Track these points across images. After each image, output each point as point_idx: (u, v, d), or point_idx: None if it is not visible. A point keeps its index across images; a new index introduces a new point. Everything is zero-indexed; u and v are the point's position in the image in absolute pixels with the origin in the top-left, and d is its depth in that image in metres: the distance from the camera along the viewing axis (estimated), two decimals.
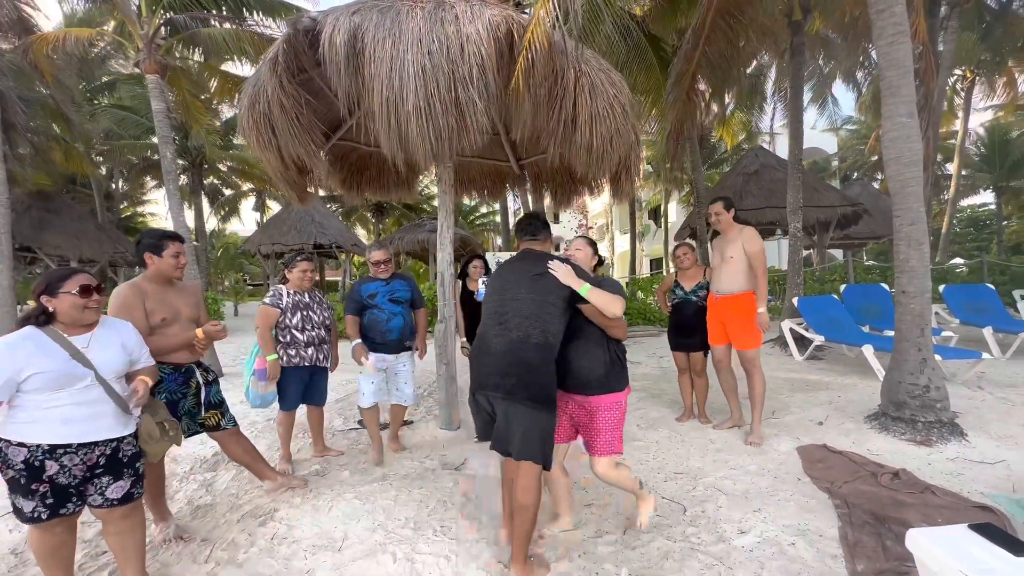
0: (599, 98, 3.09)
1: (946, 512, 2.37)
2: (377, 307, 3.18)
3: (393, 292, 3.25)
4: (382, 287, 3.23)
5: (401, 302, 3.26)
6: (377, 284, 3.24)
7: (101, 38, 6.49)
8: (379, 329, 3.18)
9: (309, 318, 3.14)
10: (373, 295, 3.19)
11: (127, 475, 1.87)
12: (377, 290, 3.21)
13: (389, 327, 3.19)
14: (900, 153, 3.30)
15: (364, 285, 3.25)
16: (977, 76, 14.64)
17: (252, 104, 3.19)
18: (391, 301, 3.22)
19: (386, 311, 3.19)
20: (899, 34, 3.24)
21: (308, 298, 3.19)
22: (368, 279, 3.32)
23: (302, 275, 3.16)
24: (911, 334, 3.38)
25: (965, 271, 12.32)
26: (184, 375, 2.40)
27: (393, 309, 3.22)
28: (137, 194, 23.21)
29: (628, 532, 2.34)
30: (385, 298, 3.21)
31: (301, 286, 3.17)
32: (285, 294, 3.13)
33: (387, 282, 3.26)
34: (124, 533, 1.91)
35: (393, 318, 3.20)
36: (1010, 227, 29.56)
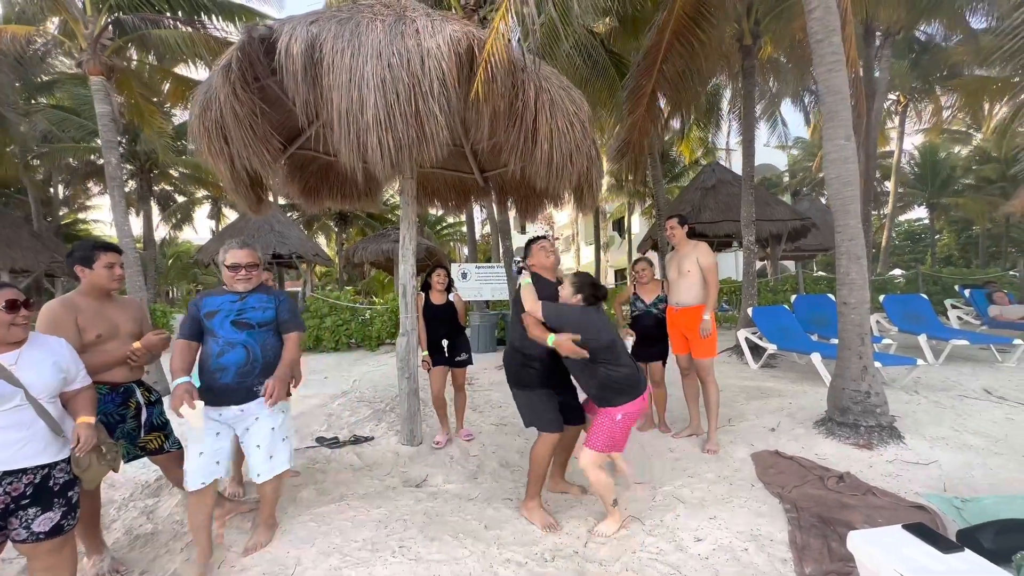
0: (559, 114, 3.15)
1: (886, 512, 2.50)
2: (211, 332, 2.21)
3: (242, 311, 2.25)
4: (229, 303, 2.27)
5: (251, 326, 2.25)
6: (225, 298, 2.28)
7: (41, 36, 6.12)
8: (207, 367, 2.21)
9: None
10: (212, 313, 2.22)
11: (57, 505, 1.72)
12: (220, 307, 2.24)
13: (220, 364, 2.18)
14: (839, 173, 3.52)
15: (206, 298, 2.29)
16: (909, 101, 15.85)
17: (203, 111, 3.07)
18: (234, 324, 2.22)
19: (220, 339, 2.20)
20: (836, 62, 3.48)
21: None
22: (217, 291, 2.35)
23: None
24: (852, 343, 3.58)
25: (903, 282, 13.19)
26: (122, 395, 2.26)
27: (232, 337, 2.20)
28: (79, 200, 21.82)
29: (588, 545, 2.35)
30: (226, 319, 2.22)
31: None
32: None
33: (242, 296, 2.30)
34: (52, 570, 1.75)
35: (228, 351, 2.19)
36: (941, 240, 31.99)
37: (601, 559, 2.23)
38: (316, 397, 5.46)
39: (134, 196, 17.20)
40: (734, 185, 11.13)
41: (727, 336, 8.31)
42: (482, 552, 2.29)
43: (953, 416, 4.01)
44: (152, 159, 15.74)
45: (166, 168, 17.15)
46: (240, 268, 2.30)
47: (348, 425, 4.42)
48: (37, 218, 15.17)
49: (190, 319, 2.24)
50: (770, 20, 7.08)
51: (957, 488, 2.77)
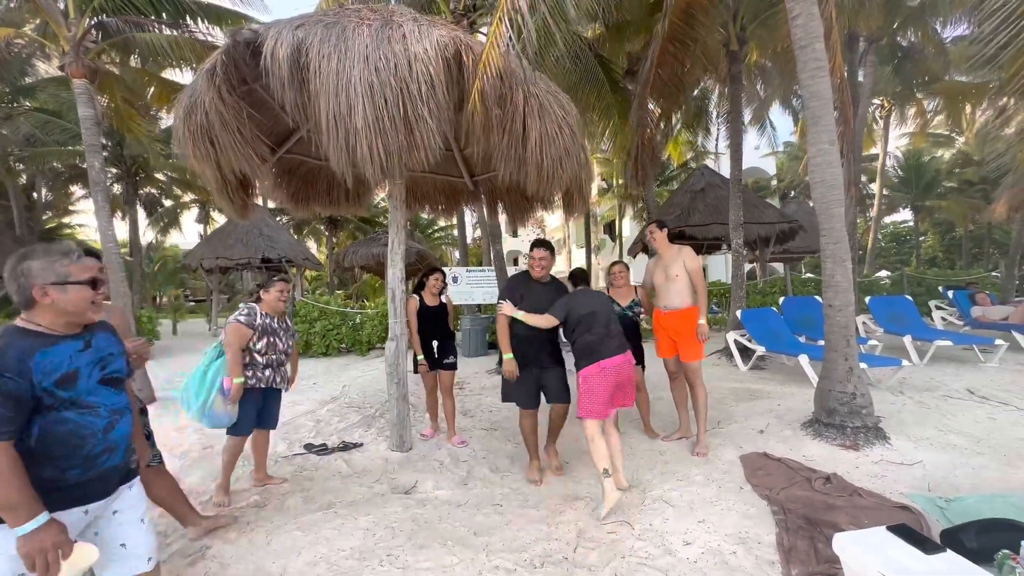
0: (548, 119, 3.17)
1: (871, 512, 2.52)
2: (75, 404, 1.37)
3: (103, 362, 1.48)
4: (76, 352, 1.41)
5: (121, 380, 1.55)
6: (65, 348, 1.38)
7: (21, 38, 6.02)
8: (81, 454, 1.38)
9: (274, 345, 3.04)
10: (68, 378, 1.36)
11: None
12: (71, 363, 1.38)
13: (110, 442, 1.44)
14: (824, 177, 3.57)
15: (36, 357, 1.31)
16: (893, 105, 16.14)
17: (188, 115, 3.04)
18: (104, 384, 1.47)
19: (100, 408, 1.43)
20: (819, 68, 3.53)
21: (277, 323, 3.07)
22: (31, 337, 1.34)
23: (279, 295, 3.04)
24: (838, 345, 3.62)
25: (888, 283, 13.38)
26: None
27: (114, 401, 1.48)
28: (63, 204, 21.47)
29: (578, 550, 2.34)
30: (90, 378, 1.42)
31: (275, 308, 3.07)
32: (258, 315, 3.01)
33: (86, 340, 1.45)
34: None
35: (119, 421, 1.48)
36: (926, 242, 32.58)
37: (590, 564, 2.22)
38: (305, 403, 5.40)
39: (120, 200, 16.98)
40: (723, 188, 11.23)
41: (716, 338, 8.36)
42: (471, 559, 2.28)
43: (937, 416, 4.07)
44: (138, 163, 15.55)
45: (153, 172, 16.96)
46: (102, 284, 1.49)
47: (337, 431, 4.38)
48: (20, 223, 14.91)
49: (7, 400, 1.24)
50: (756, 26, 7.18)
51: (941, 488, 2.81)
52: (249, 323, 2.95)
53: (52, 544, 1.21)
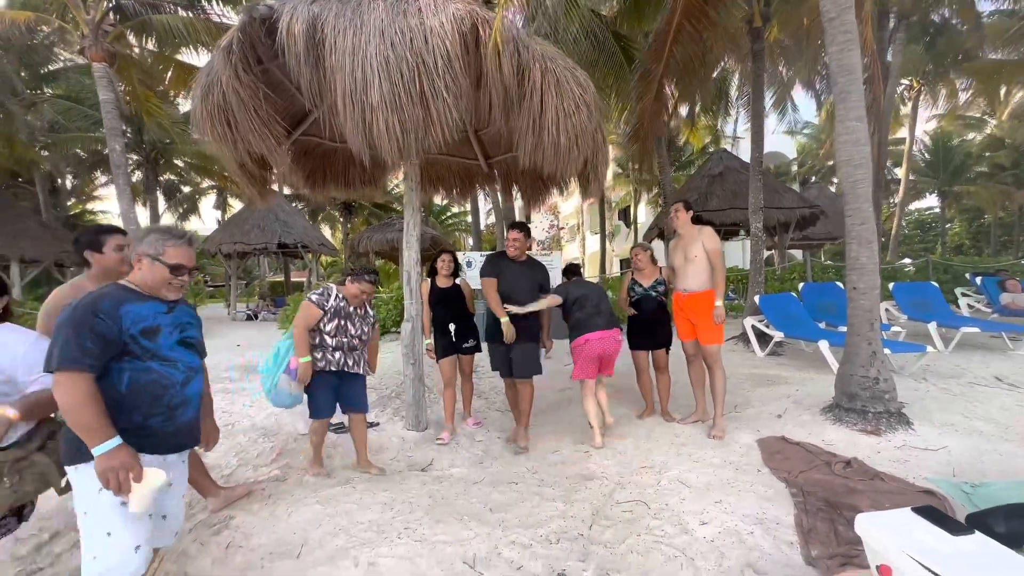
0: (566, 96, 3.10)
1: (894, 497, 2.48)
2: (155, 355, 1.54)
3: (182, 327, 1.67)
4: (162, 314, 1.60)
5: (195, 348, 1.72)
6: (150, 307, 1.57)
7: (41, 23, 6.09)
8: (163, 403, 1.55)
9: (345, 328, 2.94)
10: (151, 331, 1.54)
11: None
12: (155, 320, 1.57)
13: (185, 396, 1.63)
14: (850, 156, 3.45)
15: (125, 306, 1.50)
16: (923, 86, 15.53)
17: (206, 94, 3.05)
18: (182, 345, 1.65)
19: (179, 363, 1.61)
20: (849, 41, 3.39)
21: (353, 309, 2.99)
22: (125, 294, 1.55)
23: (359, 292, 2.95)
24: (862, 329, 3.53)
25: (912, 270, 13.02)
26: None
27: (191, 360, 1.67)
28: (86, 190, 21.95)
29: (593, 528, 2.35)
30: (170, 336, 1.60)
31: (353, 299, 2.98)
32: (334, 296, 2.93)
33: (170, 307, 1.64)
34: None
35: (193, 378, 1.67)
36: (952, 229, 31.58)
37: (606, 541, 2.23)
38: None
39: (140, 186, 17.28)
40: (741, 172, 10.99)
41: (733, 324, 8.25)
42: (487, 534, 2.30)
43: (963, 403, 3.97)
44: (158, 148, 15.76)
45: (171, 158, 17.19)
46: (184, 272, 1.64)
47: None
48: (45, 209, 15.31)
49: (96, 333, 1.41)
50: (780, 1, 6.92)
51: (967, 474, 2.75)
52: (320, 303, 2.87)
53: (121, 464, 1.38)
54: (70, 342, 1.38)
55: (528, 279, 3.50)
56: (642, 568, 2.02)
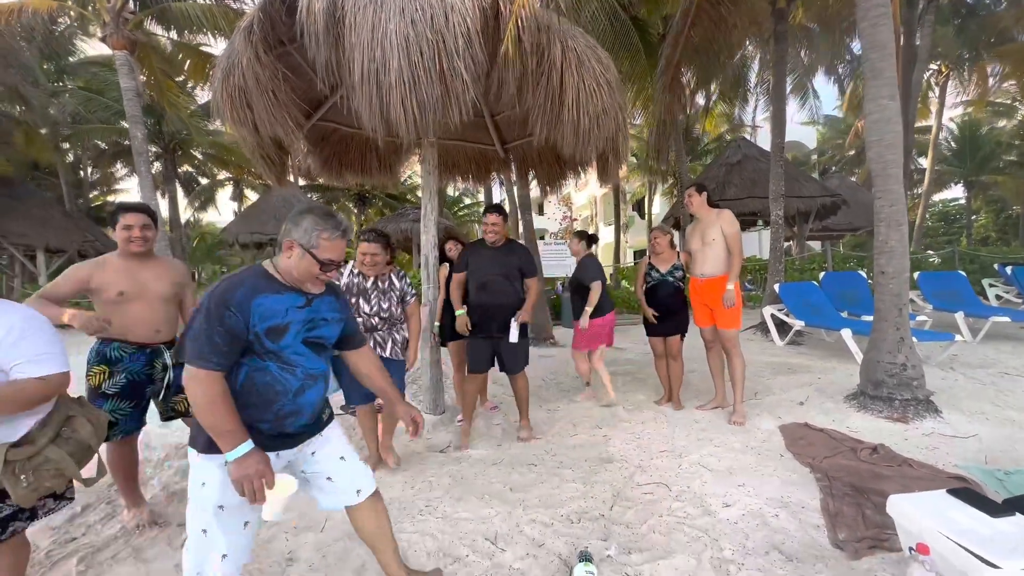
0: (586, 74, 3.04)
1: (923, 483, 2.42)
2: (275, 356, 1.40)
3: (312, 324, 1.48)
4: (295, 308, 1.43)
5: (324, 347, 1.54)
6: (287, 300, 1.42)
7: (63, 11, 6.17)
8: (272, 409, 1.42)
9: (357, 307, 2.74)
10: (278, 330, 1.39)
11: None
12: (287, 316, 1.41)
13: (297, 406, 1.46)
14: (882, 135, 3.34)
15: (257, 299, 1.36)
16: (952, 71, 15.00)
17: (226, 76, 3.05)
18: (307, 345, 1.47)
19: (297, 369, 1.44)
20: (882, 16, 3.26)
21: (371, 284, 2.77)
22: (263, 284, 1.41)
23: (362, 257, 2.69)
24: (890, 314, 3.44)
25: (938, 261, 12.69)
26: (148, 356, 2.25)
27: (313, 365, 1.48)
28: (108, 181, 22.38)
29: (614, 508, 2.34)
30: (297, 336, 1.44)
31: (363, 269, 2.74)
32: (347, 272, 2.77)
33: (309, 299, 1.47)
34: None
35: (310, 386, 1.48)
36: (978, 221, 30.62)
37: (627, 521, 2.22)
38: None
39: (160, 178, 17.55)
40: (760, 161, 10.78)
41: (752, 314, 8.14)
42: (508, 512, 2.30)
43: (994, 392, 3.86)
44: (177, 139, 15.96)
45: (189, 149, 17.42)
46: (333, 267, 1.45)
47: None
48: (69, 199, 15.64)
49: (226, 330, 1.31)
50: None
51: (999, 461, 2.67)
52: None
53: (256, 471, 1.28)
54: (201, 336, 1.29)
55: (502, 265, 3.26)
56: (665, 547, 2.00)
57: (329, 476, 1.58)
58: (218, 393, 1.30)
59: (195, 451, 1.37)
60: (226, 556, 1.37)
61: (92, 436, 1.54)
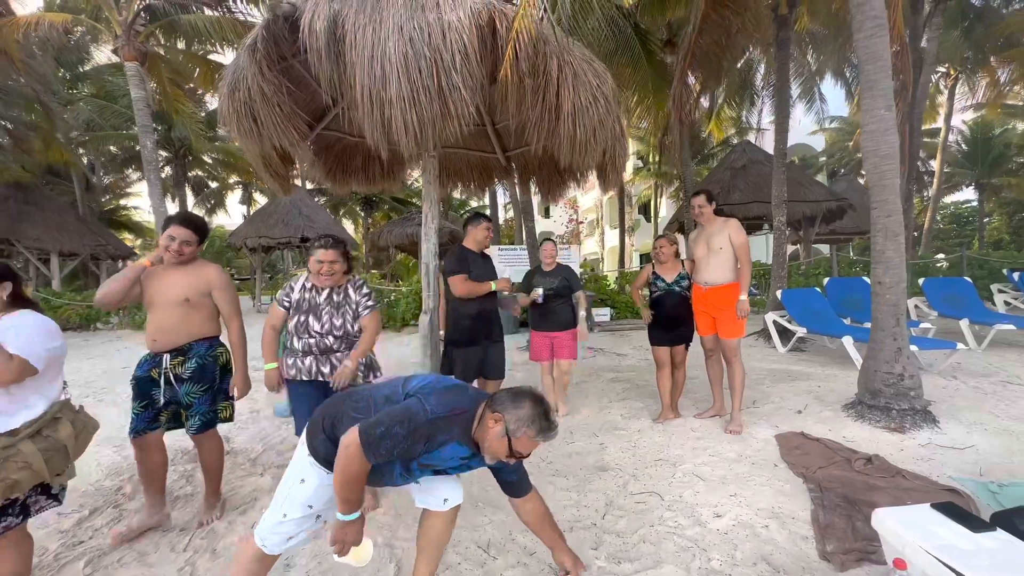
0: (582, 89, 3.09)
1: (915, 495, 2.43)
2: (407, 468, 1.55)
3: (462, 468, 1.63)
4: (462, 457, 1.55)
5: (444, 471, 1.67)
6: (464, 449, 1.51)
7: (77, 24, 6.34)
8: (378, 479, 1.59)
9: (306, 325, 2.34)
10: (431, 466, 1.57)
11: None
12: (451, 460, 1.55)
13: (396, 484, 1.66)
14: (877, 146, 3.35)
15: (445, 449, 1.49)
16: (960, 74, 14.86)
17: (232, 91, 3.13)
18: (437, 474, 1.68)
19: (411, 478, 1.63)
20: (878, 27, 3.28)
21: (323, 298, 2.37)
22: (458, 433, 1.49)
23: (317, 267, 2.32)
24: (887, 324, 3.45)
25: (946, 266, 12.55)
26: (152, 361, 2.32)
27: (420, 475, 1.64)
28: (120, 186, 22.78)
29: (606, 517, 2.37)
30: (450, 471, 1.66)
31: (318, 281, 2.36)
32: (297, 289, 2.39)
33: (473, 454, 1.54)
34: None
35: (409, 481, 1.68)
36: (991, 223, 30.19)
37: (619, 531, 2.25)
38: None
39: (170, 182, 17.84)
40: (765, 165, 10.75)
41: (755, 320, 8.12)
42: (501, 521, 2.34)
43: (994, 402, 3.84)
44: (186, 145, 16.22)
45: (199, 154, 17.69)
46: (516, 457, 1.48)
47: None
48: (82, 204, 15.93)
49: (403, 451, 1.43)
50: None
51: (995, 473, 2.67)
52: (280, 300, 2.40)
53: (352, 539, 1.52)
54: (385, 436, 1.39)
55: (490, 272, 3.62)
56: (654, 557, 2.04)
57: (419, 479, 1.71)
58: (362, 475, 1.46)
59: (312, 457, 1.56)
60: (291, 539, 1.61)
61: (70, 438, 1.66)
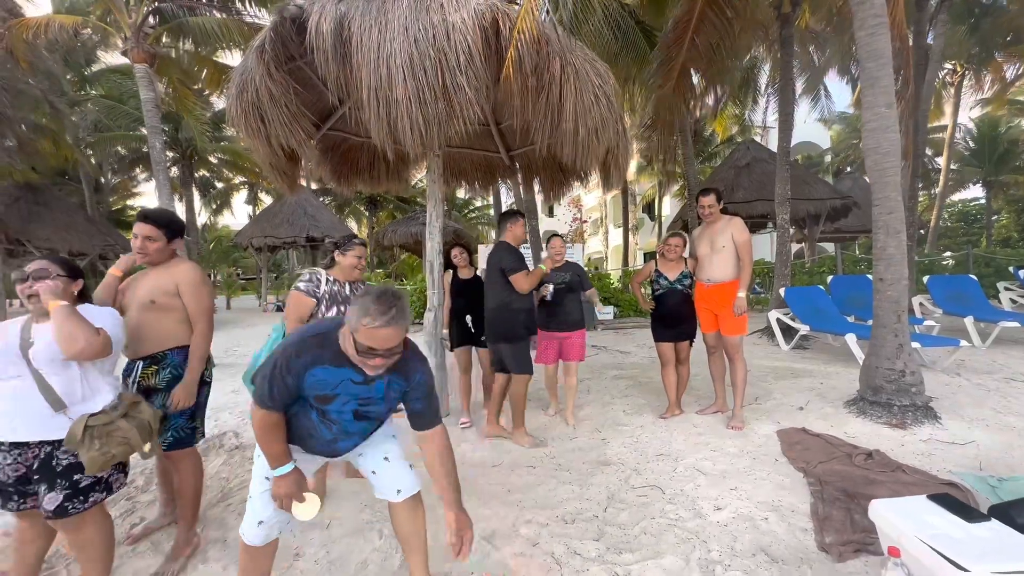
0: (584, 88, 3.13)
1: (914, 489, 2.45)
2: (319, 411, 1.56)
3: (367, 401, 1.57)
4: (351, 383, 1.52)
5: (372, 420, 1.67)
6: (342, 375, 1.51)
7: (86, 25, 6.43)
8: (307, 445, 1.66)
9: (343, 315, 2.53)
10: (327, 398, 1.53)
11: (60, 487, 1.59)
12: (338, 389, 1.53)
13: (329, 449, 1.68)
14: (878, 143, 3.37)
15: (313, 370, 1.49)
16: (967, 71, 14.74)
17: (240, 92, 3.19)
18: (355, 415, 1.59)
19: (334, 426, 1.59)
20: (879, 25, 3.30)
21: (348, 290, 2.58)
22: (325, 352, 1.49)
23: (356, 260, 2.58)
24: (888, 320, 3.47)
25: (952, 263, 12.49)
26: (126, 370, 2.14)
27: (350, 427, 1.62)
28: (127, 187, 22.99)
29: (608, 510, 2.41)
30: (345, 405, 1.56)
31: (349, 275, 2.59)
32: (324, 282, 2.53)
33: (368, 380, 1.52)
34: (76, 548, 1.70)
35: (342, 439, 1.65)
36: (999, 221, 29.91)
37: (621, 523, 2.29)
38: None
39: (177, 182, 18.00)
40: (769, 163, 10.74)
41: (758, 318, 8.12)
42: (505, 514, 2.39)
43: (997, 398, 3.85)
44: (193, 146, 16.37)
45: (205, 155, 17.83)
46: (372, 355, 1.41)
47: None
48: (90, 204, 16.10)
49: (282, 386, 1.47)
50: None
51: (995, 468, 2.69)
52: (310, 292, 2.46)
53: (286, 492, 1.54)
54: (264, 383, 1.48)
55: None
56: (655, 549, 2.08)
57: (374, 471, 1.79)
58: (269, 426, 1.52)
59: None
60: (261, 523, 1.59)
61: (153, 418, 1.83)
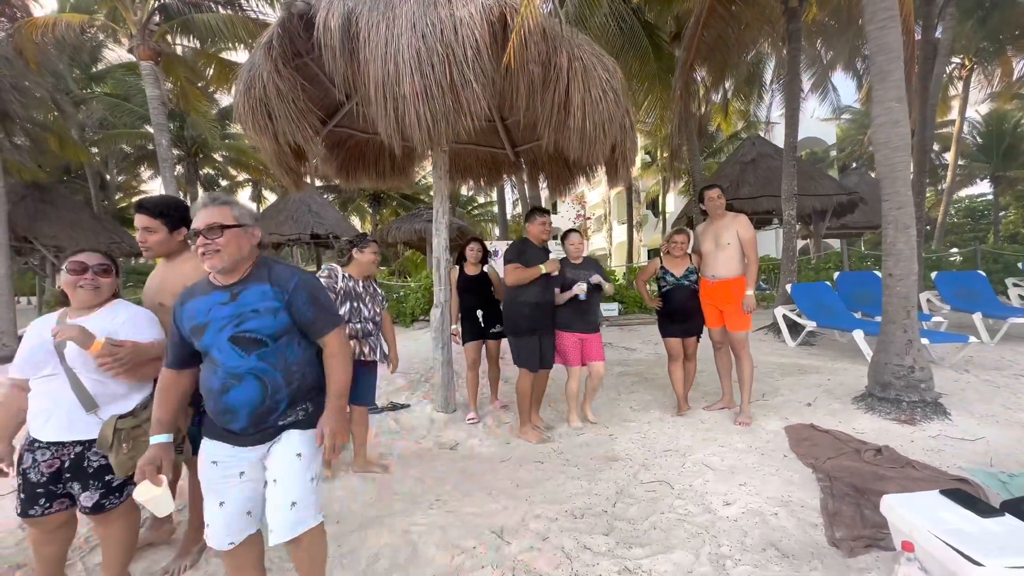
0: (592, 83, 3.12)
1: (924, 484, 2.45)
2: (204, 354, 1.43)
3: (240, 319, 1.39)
4: (217, 305, 1.41)
5: (261, 342, 1.40)
6: (210, 300, 1.42)
7: (93, 24, 6.44)
8: (207, 403, 1.45)
9: (358, 311, 2.74)
10: (199, 328, 1.40)
11: (93, 487, 1.62)
12: (208, 316, 1.40)
13: (225, 405, 1.40)
14: (888, 138, 3.35)
15: (186, 304, 1.44)
16: (975, 65, 14.59)
17: (248, 88, 3.20)
18: (233, 342, 1.39)
19: (219, 368, 1.39)
20: (889, 19, 3.27)
21: (362, 287, 2.78)
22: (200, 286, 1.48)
23: (374, 256, 2.81)
24: (897, 316, 3.45)
25: (959, 259, 12.40)
26: None
27: (235, 363, 1.38)
28: (132, 184, 23.09)
29: (617, 505, 2.42)
30: (219, 333, 1.39)
31: (365, 271, 2.80)
32: (341, 278, 2.70)
33: (232, 292, 1.42)
34: (106, 540, 1.73)
35: (234, 386, 1.39)
36: (1007, 217, 29.66)
37: (630, 518, 2.30)
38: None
39: (182, 180, 18.06)
40: (775, 158, 10.66)
41: (764, 315, 8.09)
42: (514, 507, 2.40)
43: (1007, 395, 3.83)
44: (198, 143, 16.41)
45: (210, 152, 17.89)
46: (196, 235, 1.35)
47: (385, 394, 4.62)
48: (96, 202, 16.18)
49: (176, 336, 1.44)
50: None
51: (1005, 463, 2.68)
52: (329, 286, 2.60)
53: (144, 460, 1.41)
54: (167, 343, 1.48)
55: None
56: (665, 543, 2.08)
57: (275, 478, 1.44)
58: (163, 387, 1.48)
59: None
60: (223, 504, 1.44)
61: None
